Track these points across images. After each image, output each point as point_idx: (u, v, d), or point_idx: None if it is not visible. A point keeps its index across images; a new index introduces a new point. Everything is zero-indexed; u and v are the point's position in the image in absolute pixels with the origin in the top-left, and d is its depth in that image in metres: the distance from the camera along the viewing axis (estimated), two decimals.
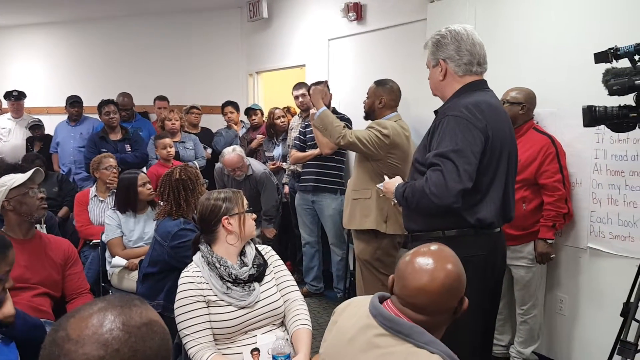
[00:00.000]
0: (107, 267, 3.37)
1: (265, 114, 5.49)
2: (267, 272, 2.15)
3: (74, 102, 5.52)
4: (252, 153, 5.07)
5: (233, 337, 2.01)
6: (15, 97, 5.94)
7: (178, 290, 2.03)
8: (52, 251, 2.44)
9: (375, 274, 3.27)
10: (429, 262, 1.32)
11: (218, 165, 4.65)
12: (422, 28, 3.83)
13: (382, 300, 1.41)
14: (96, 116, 5.23)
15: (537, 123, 3.10)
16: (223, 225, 2.09)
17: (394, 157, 3.21)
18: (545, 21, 3.10)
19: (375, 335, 1.32)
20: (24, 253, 2.28)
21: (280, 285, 2.17)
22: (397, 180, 2.24)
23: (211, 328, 1.97)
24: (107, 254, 3.39)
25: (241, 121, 5.76)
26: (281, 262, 2.25)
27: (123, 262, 3.25)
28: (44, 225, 3.32)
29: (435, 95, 2.22)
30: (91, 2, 6.46)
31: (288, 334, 2.08)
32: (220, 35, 6.72)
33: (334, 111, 4.25)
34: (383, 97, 3.34)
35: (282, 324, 2.14)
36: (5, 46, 7.94)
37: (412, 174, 2.16)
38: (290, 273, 2.25)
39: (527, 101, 3.01)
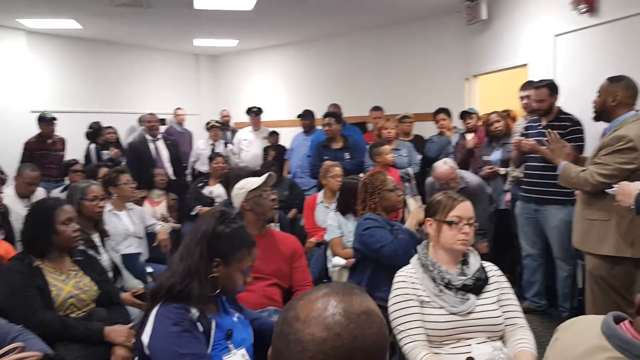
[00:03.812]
0: (328, 265, 3.62)
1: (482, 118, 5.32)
2: (489, 289, 2.06)
3: (302, 115, 6.12)
4: (468, 156, 4.93)
5: (445, 342, 1.98)
6: (255, 113, 6.81)
7: (392, 288, 2.08)
8: (282, 246, 2.71)
9: (611, 293, 2.87)
10: None
11: (429, 179, 4.62)
12: None
13: (617, 320, 1.24)
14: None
15: None
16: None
17: None
18: None
19: (608, 358, 1.17)
20: (259, 247, 2.55)
21: (504, 307, 2.06)
22: (638, 185, 1.95)
23: (424, 328, 1.97)
24: (329, 252, 3.65)
25: (454, 127, 5.67)
26: (509, 285, 2.13)
27: (342, 261, 3.45)
28: (278, 223, 3.72)
29: None
30: (317, 23, 7.08)
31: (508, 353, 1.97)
32: (436, 42, 6.73)
33: (559, 112, 3.89)
34: (617, 94, 2.91)
35: (500, 339, 2.03)
36: (245, 67, 9.15)
37: None
38: (517, 299, 2.12)
39: None
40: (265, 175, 2.79)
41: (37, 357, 1.66)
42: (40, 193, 4.46)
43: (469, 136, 5.12)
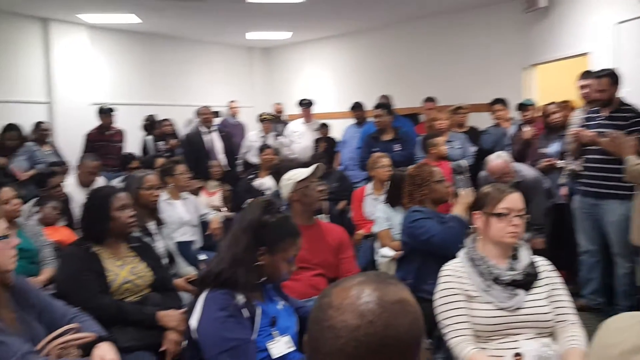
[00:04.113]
0: (376, 257, 3.61)
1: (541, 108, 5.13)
2: (539, 284, 2.00)
3: (353, 107, 6.12)
4: (524, 148, 4.77)
5: (492, 338, 1.93)
6: (306, 105, 6.86)
7: (439, 282, 2.05)
8: (329, 236, 2.72)
9: None
10: None
11: (482, 173, 4.50)
12: None
13: None
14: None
15: None
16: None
17: None
18: None
19: None
20: (306, 238, 2.58)
21: (555, 303, 1.99)
22: None
23: (471, 322, 1.94)
24: (377, 244, 3.64)
25: (511, 118, 5.50)
26: (561, 281, 2.06)
27: (391, 253, 3.43)
28: (328, 215, 3.74)
29: None
30: (370, 13, 7.03)
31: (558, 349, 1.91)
32: (492, 31, 6.56)
33: (621, 103, 3.70)
34: None
35: (550, 336, 1.97)
36: (298, 59, 9.21)
37: None
38: (569, 295, 2.05)
39: None
40: (313, 166, 2.80)
41: (91, 338, 1.74)
42: (100, 182, 4.66)
43: (527, 127, 4.96)
